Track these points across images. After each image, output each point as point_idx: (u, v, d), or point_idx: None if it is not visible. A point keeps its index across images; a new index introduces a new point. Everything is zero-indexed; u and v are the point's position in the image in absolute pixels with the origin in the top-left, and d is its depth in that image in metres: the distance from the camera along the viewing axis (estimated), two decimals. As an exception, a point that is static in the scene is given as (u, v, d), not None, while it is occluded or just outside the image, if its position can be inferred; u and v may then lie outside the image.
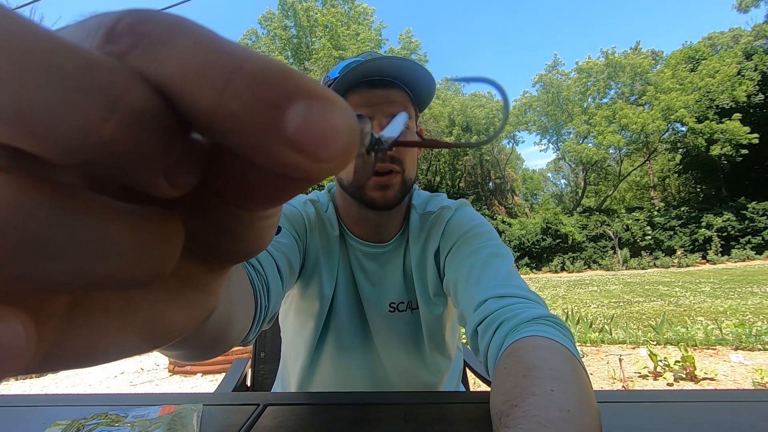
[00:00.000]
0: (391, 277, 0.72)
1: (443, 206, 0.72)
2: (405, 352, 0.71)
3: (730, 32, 21.76)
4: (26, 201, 0.08)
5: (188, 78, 0.08)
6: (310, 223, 0.69)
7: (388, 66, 0.61)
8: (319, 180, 0.09)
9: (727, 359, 3.19)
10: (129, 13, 0.08)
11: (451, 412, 0.44)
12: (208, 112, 0.08)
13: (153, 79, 0.08)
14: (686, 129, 19.84)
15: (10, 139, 0.07)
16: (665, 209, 19.79)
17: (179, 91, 0.08)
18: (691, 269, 14.62)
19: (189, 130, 0.09)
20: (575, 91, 23.65)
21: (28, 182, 0.08)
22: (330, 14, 27.05)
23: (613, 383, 2.80)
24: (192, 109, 0.08)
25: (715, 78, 18.57)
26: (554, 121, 24.85)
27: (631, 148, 22.55)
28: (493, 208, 25.01)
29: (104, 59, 0.08)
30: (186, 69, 0.08)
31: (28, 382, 3.42)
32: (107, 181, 0.09)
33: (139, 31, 0.08)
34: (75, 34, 0.09)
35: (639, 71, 21.13)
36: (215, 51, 0.08)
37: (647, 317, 5.14)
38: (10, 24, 0.07)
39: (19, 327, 0.08)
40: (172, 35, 0.08)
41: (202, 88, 0.08)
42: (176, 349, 0.28)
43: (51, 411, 0.46)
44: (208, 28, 0.08)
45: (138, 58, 0.08)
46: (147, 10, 0.08)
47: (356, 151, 0.09)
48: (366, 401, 0.48)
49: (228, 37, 0.08)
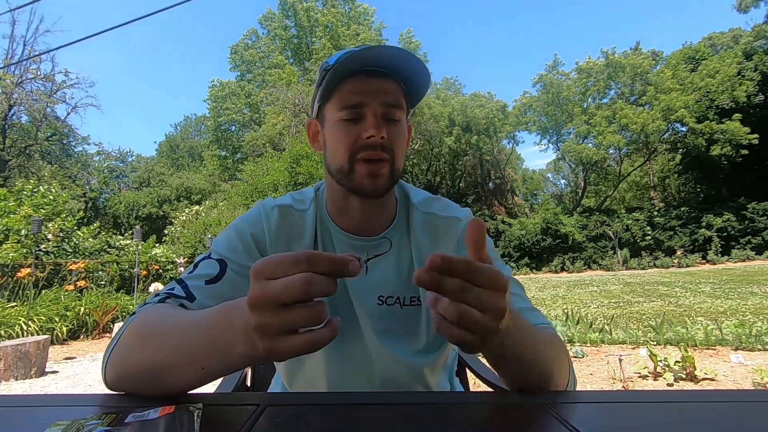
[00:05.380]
0: (381, 270, 0.72)
1: (455, 217, 0.74)
2: (396, 347, 0.71)
3: (730, 32, 21.77)
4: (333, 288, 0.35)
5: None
6: (270, 232, 0.70)
7: (385, 55, 0.62)
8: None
9: (727, 359, 3.19)
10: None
11: (452, 412, 0.44)
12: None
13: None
14: (686, 129, 19.84)
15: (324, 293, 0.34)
16: (665, 209, 19.79)
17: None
18: (691, 269, 14.62)
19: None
20: (575, 91, 23.64)
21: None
22: (330, 14, 27.02)
23: (613, 383, 2.80)
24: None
25: (715, 78, 18.57)
26: (554, 121, 24.83)
27: (631, 149, 22.56)
28: (493, 208, 24.99)
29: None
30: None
31: (28, 382, 3.42)
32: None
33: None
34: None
35: (639, 71, 21.12)
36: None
37: (647, 317, 5.14)
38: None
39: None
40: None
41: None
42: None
43: (51, 411, 0.45)
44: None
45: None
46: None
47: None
48: (366, 401, 0.48)
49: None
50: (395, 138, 0.65)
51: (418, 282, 0.38)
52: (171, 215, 18.31)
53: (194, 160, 36.10)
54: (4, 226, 7.95)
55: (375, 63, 0.63)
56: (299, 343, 0.35)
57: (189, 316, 0.44)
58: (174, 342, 0.43)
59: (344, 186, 0.67)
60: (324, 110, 0.68)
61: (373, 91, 0.63)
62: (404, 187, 0.79)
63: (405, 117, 0.69)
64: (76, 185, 23.62)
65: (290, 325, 0.35)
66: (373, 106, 0.63)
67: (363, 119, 0.64)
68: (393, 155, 0.65)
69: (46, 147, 23.50)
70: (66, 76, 21.76)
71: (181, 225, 13.37)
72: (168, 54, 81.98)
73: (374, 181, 0.64)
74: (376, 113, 0.63)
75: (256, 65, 28.59)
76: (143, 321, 0.49)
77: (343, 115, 0.64)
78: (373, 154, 0.63)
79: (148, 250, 9.50)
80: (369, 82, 0.63)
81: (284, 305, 0.34)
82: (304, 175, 15.03)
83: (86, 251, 8.84)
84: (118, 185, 32.54)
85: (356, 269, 0.35)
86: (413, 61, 0.63)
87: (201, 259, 0.65)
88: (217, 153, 29.56)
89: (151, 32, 76.36)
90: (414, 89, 0.68)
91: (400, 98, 0.66)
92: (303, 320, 0.35)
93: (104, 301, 5.74)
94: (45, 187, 9.86)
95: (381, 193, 0.66)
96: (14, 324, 4.50)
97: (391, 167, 0.65)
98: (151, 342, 0.45)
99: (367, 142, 0.63)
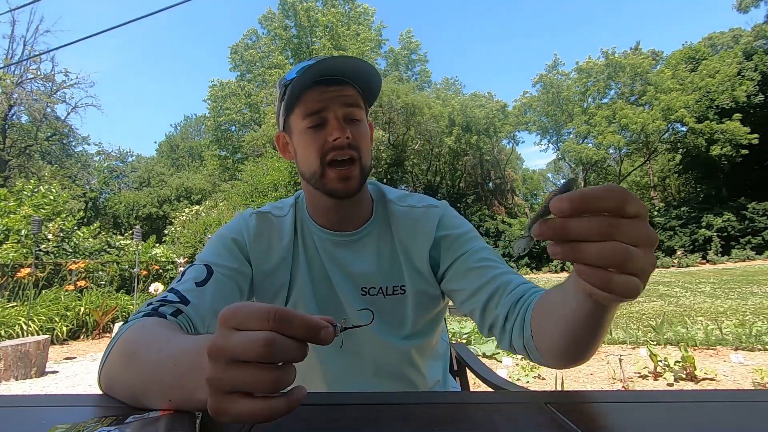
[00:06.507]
0: (362, 264, 0.76)
1: (431, 205, 0.79)
2: (382, 333, 0.75)
3: (730, 32, 21.75)
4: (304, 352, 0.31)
5: None
6: (249, 236, 0.75)
7: (339, 64, 0.68)
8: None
9: (727, 359, 3.19)
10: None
11: (452, 412, 0.44)
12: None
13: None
14: (686, 129, 19.82)
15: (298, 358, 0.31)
16: (665, 209, 19.78)
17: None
18: (691, 269, 14.62)
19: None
20: (575, 91, 23.63)
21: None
22: (330, 14, 27.01)
23: (613, 383, 2.80)
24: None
25: (715, 78, 18.55)
26: (554, 121, 24.83)
27: (631, 148, 22.54)
28: (493, 208, 24.99)
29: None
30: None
31: (28, 382, 3.42)
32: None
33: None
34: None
35: (639, 71, 21.10)
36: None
37: (647, 317, 5.14)
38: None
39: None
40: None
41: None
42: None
43: (51, 411, 0.45)
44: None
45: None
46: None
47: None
48: (366, 401, 0.48)
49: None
50: (359, 136, 0.70)
51: (541, 236, 0.33)
52: (171, 215, 18.29)
53: (194, 160, 36.10)
54: (4, 226, 7.95)
55: (331, 72, 0.68)
56: (245, 410, 0.30)
57: (169, 347, 0.42)
58: (149, 372, 0.41)
59: (319, 189, 0.72)
60: (290, 122, 0.74)
61: (332, 97, 0.69)
62: (380, 187, 0.84)
63: (365, 116, 0.75)
64: (76, 185, 23.61)
65: (240, 386, 0.30)
66: (334, 110, 0.69)
67: (327, 124, 0.69)
68: (360, 153, 0.70)
69: (46, 147, 23.50)
70: (66, 76, 21.78)
71: (181, 225, 13.35)
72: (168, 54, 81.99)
73: (346, 183, 0.69)
74: (338, 116, 0.69)
75: (256, 65, 28.59)
76: (131, 340, 0.48)
77: (308, 123, 0.70)
78: (341, 153, 0.68)
79: (148, 250, 9.50)
80: (328, 90, 0.69)
81: (243, 362, 0.30)
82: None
83: (86, 251, 8.84)
84: (118, 185, 32.54)
85: (329, 338, 0.32)
86: (363, 65, 0.69)
87: (187, 269, 0.68)
88: (217, 153, 29.55)
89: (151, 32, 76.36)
90: (368, 90, 0.74)
91: (358, 100, 0.72)
92: (254, 384, 0.30)
93: (104, 301, 5.74)
94: (45, 187, 9.85)
95: (353, 193, 0.71)
96: (14, 324, 4.50)
97: (360, 166, 0.70)
98: (131, 366, 0.44)
99: (334, 144, 0.68)
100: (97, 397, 0.48)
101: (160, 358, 0.41)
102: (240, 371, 0.30)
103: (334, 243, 0.77)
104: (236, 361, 0.30)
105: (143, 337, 0.48)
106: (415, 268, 0.75)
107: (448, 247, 0.74)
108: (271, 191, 15.98)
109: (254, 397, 0.31)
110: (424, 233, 0.75)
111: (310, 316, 0.32)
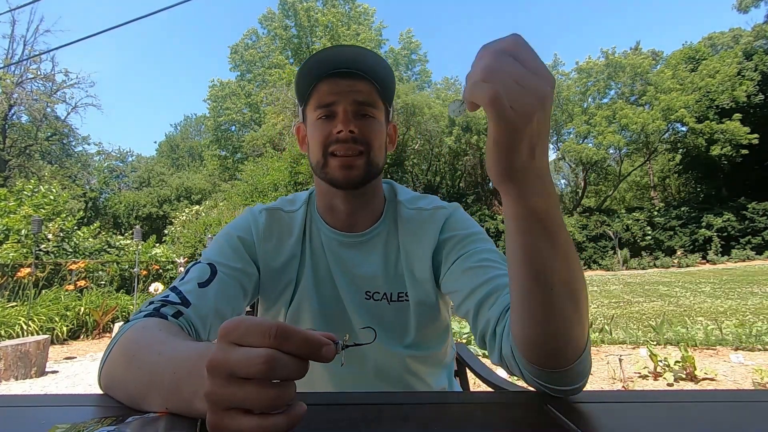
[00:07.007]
0: (368, 266, 0.75)
1: (440, 206, 0.77)
2: (385, 339, 0.73)
3: (730, 32, 21.74)
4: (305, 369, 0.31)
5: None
6: (258, 234, 0.75)
7: (348, 55, 0.67)
8: None
9: (727, 359, 3.19)
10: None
11: (452, 412, 0.44)
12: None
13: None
14: (686, 129, 19.81)
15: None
16: (665, 209, 19.77)
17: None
18: (691, 269, 14.61)
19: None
20: (575, 91, 23.62)
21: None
22: (330, 14, 27.01)
23: (613, 383, 2.80)
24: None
25: (715, 78, 18.55)
26: (554, 121, 24.80)
27: (631, 148, 22.53)
28: (493, 208, 24.98)
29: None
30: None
31: (28, 382, 3.42)
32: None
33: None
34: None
35: (639, 71, 21.09)
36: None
37: (647, 317, 5.14)
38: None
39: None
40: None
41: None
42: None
43: (51, 411, 0.45)
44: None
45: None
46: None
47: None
48: (366, 401, 0.48)
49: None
50: (368, 131, 0.69)
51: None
52: (171, 215, 18.29)
53: (194, 160, 36.09)
54: (4, 226, 7.95)
55: (344, 62, 0.68)
56: (244, 427, 0.30)
57: (169, 351, 0.41)
58: (148, 374, 0.41)
59: (323, 179, 0.72)
60: (306, 112, 0.74)
61: (344, 90, 0.68)
62: (394, 187, 0.83)
63: (382, 114, 0.73)
64: (76, 185, 23.60)
65: (239, 403, 0.30)
66: (344, 104, 0.68)
67: (335, 117, 0.69)
68: (368, 147, 0.69)
69: (46, 147, 23.49)
70: (66, 76, 21.79)
71: (181, 225, 13.35)
72: (168, 54, 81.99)
73: (348, 171, 0.68)
74: (347, 110, 0.68)
75: (256, 65, 28.59)
76: (133, 340, 0.48)
77: (319, 114, 0.70)
78: (343, 147, 0.68)
79: (148, 250, 9.49)
80: (340, 83, 0.69)
81: (242, 378, 0.30)
82: (305, 175, 15.03)
83: (86, 251, 8.83)
84: (118, 185, 32.54)
85: (330, 355, 0.32)
86: (373, 57, 0.69)
87: (191, 266, 0.67)
88: (217, 153, 29.55)
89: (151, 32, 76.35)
90: (383, 84, 0.73)
91: (372, 96, 0.71)
92: (253, 401, 0.30)
93: (104, 301, 5.73)
94: (45, 187, 9.85)
95: (355, 183, 0.70)
96: (14, 324, 4.49)
97: (367, 159, 0.69)
98: (131, 368, 0.44)
99: (338, 137, 0.67)
100: (97, 397, 0.48)
101: (159, 361, 0.40)
102: (239, 388, 0.30)
103: (341, 244, 0.75)
104: (236, 377, 0.30)
105: (144, 338, 0.48)
106: (415, 278, 0.74)
107: (451, 249, 0.71)
108: (271, 191, 15.96)
109: (254, 414, 0.30)
110: (428, 236, 0.73)
111: (311, 332, 0.32)
